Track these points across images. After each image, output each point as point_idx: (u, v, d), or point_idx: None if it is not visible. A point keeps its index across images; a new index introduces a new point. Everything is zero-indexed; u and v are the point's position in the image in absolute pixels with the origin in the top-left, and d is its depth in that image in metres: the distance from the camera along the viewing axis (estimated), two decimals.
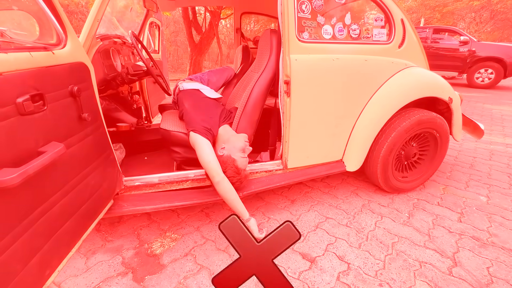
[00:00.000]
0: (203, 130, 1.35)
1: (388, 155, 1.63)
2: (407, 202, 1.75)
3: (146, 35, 2.63)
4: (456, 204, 1.72)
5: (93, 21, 1.14)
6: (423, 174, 1.84)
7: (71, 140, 0.93)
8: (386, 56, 1.58)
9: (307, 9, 1.37)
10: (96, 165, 1.08)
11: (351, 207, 1.70)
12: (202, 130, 1.34)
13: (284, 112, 1.48)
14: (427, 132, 1.71)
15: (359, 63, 1.49)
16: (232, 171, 1.31)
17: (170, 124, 1.54)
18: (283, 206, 1.72)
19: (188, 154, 1.53)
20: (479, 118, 3.85)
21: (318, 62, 1.40)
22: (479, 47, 6.59)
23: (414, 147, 1.76)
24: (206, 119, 1.42)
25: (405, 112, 1.63)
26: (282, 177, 1.55)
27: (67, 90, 0.93)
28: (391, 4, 1.53)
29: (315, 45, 1.41)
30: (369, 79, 1.55)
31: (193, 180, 1.48)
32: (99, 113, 1.15)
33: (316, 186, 1.96)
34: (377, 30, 1.55)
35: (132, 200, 1.36)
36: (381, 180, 1.72)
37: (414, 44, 1.67)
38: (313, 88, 1.43)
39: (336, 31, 1.46)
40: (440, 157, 1.82)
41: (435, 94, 1.63)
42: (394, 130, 1.59)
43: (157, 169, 1.85)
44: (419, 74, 1.63)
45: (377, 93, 1.57)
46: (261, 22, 10.97)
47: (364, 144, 1.62)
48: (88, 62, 1.06)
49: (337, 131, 1.59)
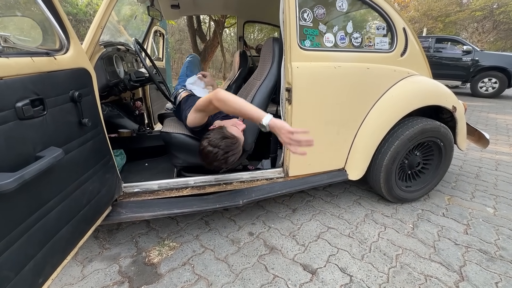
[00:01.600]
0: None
1: (391, 164, 1.60)
2: (411, 213, 1.71)
3: (150, 43, 2.67)
4: (462, 215, 1.68)
5: (96, 28, 1.16)
6: (427, 184, 1.80)
7: (70, 145, 0.93)
8: (388, 64, 1.58)
9: (308, 17, 1.38)
10: (95, 171, 1.07)
11: (353, 217, 1.66)
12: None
13: (286, 119, 1.47)
14: (431, 141, 1.68)
15: (361, 71, 1.49)
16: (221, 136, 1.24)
17: (171, 128, 1.54)
18: (284, 215, 1.69)
19: (189, 159, 1.52)
20: (484, 128, 3.81)
21: (319, 70, 1.40)
22: (482, 57, 6.59)
23: (418, 156, 1.73)
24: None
25: (408, 120, 1.62)
26: (283, 186, 1.53)
27: (68, 95, 0.93)
28: (393, 13, 1.54)
29: (316, 53, 1.41)
30: (371, 87, 1.54)
31: (193, 187, 1.47)
32: (99, 119, 1.15)
33: (318, 194, 1.93)
34: (379, 38, 1.55)
35: (131, 207, 1.34)
36: (384, 190, 1.69)
37: (417, 53, 1.66)
38: (315, 95, 1.42)
39: (338, 39, 1.46)
40: (444, 167, 1.79)
41: (439, 103, 1.61)
42: (397, 138, 1.57)
43: (157, 176, 1.84)
44: (422, 83, 1.62)
45: (379, 101, 1.56)
46: (265, 31, 11.12)
47: (366, 153, 1.60)
48: (90, 68, 1.07)
49: (339, 139, 1.57)
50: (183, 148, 1.47)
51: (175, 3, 1.99)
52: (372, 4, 1.49)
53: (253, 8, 2.46)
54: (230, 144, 1.23)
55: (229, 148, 1.23)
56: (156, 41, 3.53)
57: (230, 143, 1.24)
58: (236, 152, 1.27)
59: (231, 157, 1.24)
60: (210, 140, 1.23)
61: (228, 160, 1.24)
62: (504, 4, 16.48)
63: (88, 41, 1.16)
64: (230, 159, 1.24)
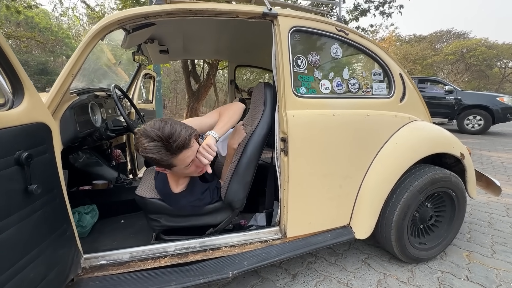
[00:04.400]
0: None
1: (402, 219, 1.41)
2: (430, 276, 1.47)
3: (138, 86, 2.60)
4: (488, 279, 1.44)
5: (66, 76, 1.02)
6: (442, 240, 1.59)
7: (6, 223, 0.71)
8: (388, 110, 1.48)
9: (303, 64, 1.30)
10: (41, 250, 0.84)
11: (365, 284, 1.40)
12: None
13: (282, 172, 1.30)
14: (442, 191, 1.52)
15: (361, 118, 1.38)
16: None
17: (147, 187, 1.33)
18: (282, 284, 1.41)
19: (169, 222, 1.29)
20: (480, 167, 3.74)
21: (317, 118, 1.28)
22: (464, 96, 6.91)
23: (429, 208, 1.55)
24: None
25: (415, 169, 1.47)
26: (281, 249, 1.29)
27: (12, 157, 0.75)
28: (389, 60, 1.49)
29: (313, 100, 1.31)
30: (373, 135, 1.42)
31: (173, 255, 1.22)
32: (58, 181, 0.95)
33: (321, 253, 1.68)
34: (376, 84, 1.48)
35: (93, 286, 1.07)
36: (397, 249, 1.47)
37: (415, 98, 1.60)
38: (313, 145, 1.28)
39: (335, 86, 1.37)
40: (459, 219, 1.60)
41: (446, 150, 1.49)
42: (406, 190, 1.41)
43: (133, 238, 1.58)
44: (426, 129, 1.51)
45: (382, 150, 1.43)
46: (256, 72, 11.62)
47: (373, 207, 1.41)
48: (50, 121, 0.90)
49: (342, 193, 1.40)
50: (162, 212, 1.25)
51: (164, 49, 1.95)
52: (367, 51, 1.45)
53: (244, 53, 2.47)
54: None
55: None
56: (146, 84, 3.50)
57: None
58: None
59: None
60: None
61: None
62: (473, 49, 18.27)
63: (55, 90, 1.01)
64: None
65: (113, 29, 1.08)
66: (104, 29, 1.06)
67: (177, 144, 0.95)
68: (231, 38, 2.06)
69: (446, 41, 21.06)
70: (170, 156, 0.98)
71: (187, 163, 1.04)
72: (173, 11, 1.13)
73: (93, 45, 1.06)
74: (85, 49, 1.05)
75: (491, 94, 6.93)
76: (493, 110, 6.45)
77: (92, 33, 1.05)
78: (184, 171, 1.10)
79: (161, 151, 0.96)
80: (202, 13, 1.17)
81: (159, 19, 1.15)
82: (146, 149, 0.96)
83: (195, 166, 1.11)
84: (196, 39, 1.97)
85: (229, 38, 2.04)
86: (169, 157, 0.98)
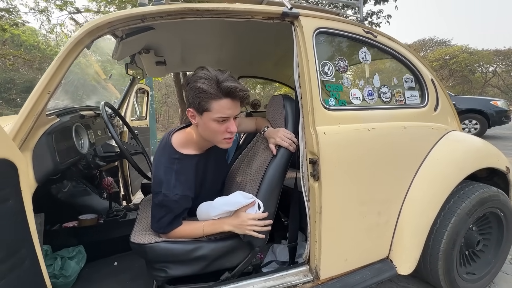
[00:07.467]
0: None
1: (451, 249, 1.20)
2: None
3: (132, 102, 2.36)
4: None
5: (41, 93, 0.79)
6: (491, 267, 1.38)
7: None
8: (424, 121, 1.30)
9: (330, 71, 1.11)
10: None
11: None
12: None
13: (311, 200, 1.07)
14: (489, 212, 1.33)
15: (398, 131, 1.18)
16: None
17: (144, 228, 1.07)
18: None
19: (178, 270, 1.02)
20: None
21: (351, 134, 1.08)
22: (458, 101, 6.93)
23: (475, 231, 1.35)
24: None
25: (459, 188, 1.27)
26: None
27: None
28: (420, 64, 1.33)
29: (344, 112, 1.11)
30: (411, 150, 1.22)
31: None
32: (28, 235, 0.69)
33: None
34: (409, 92, 1.30)
35: None
36: (445, 283, 1.25)
37: (448, 106, 1.43)
38: (349, 167, 1.07)
39: (366, 95, 1.18)
40: (508, 241, 1.40)
41: (492, 165, 1.31)
42: (453, 214, 1.20)
43: (129, 285, 1.30)
44: (466, 141, 1.34)
45: (422, 167, 1.23)
46: (259, 83, 11.51)
47: (417, 236, 1.20)
48: (16, 155, 0.66)
49: (381, 220, 1.18)
50: (168, 259, 0.99)
51: (161, 60, 1.74)
52: (396, 55, 1.28)
53: (248, 63, 2.29)
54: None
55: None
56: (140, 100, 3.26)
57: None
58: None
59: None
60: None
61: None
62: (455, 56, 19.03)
63: (25, 112, 0.77)
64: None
65: (101, 33, 0.86)
66: (89, 34, 0.84)
67: (229, 87, 0.91)
68: (235, 47, 1.87)
69: (430, 48, 21.86)
70: (214, 94, 0.91)
71: (225, 114, 0.94)
72: (177, 11, 0.92)
73: (75, 54, 0.83)
74: (65, 59, 0.82)
75: (484, 98, 7.01)
76: (488, 114, 6.49)
77: (75, 39, 0.83)
78: (211, 125, 0.96)
79: (210, 83, 0.90)
80: (211, 13, 0.97)
81: (159, 21, 0.94)
82: (197, 75, 0.92)
83: (226, 128, 0.98)
84: (196, 48, 1.77)
85: (232, 47, 1.85)
86: (213, 94, 0.91)
